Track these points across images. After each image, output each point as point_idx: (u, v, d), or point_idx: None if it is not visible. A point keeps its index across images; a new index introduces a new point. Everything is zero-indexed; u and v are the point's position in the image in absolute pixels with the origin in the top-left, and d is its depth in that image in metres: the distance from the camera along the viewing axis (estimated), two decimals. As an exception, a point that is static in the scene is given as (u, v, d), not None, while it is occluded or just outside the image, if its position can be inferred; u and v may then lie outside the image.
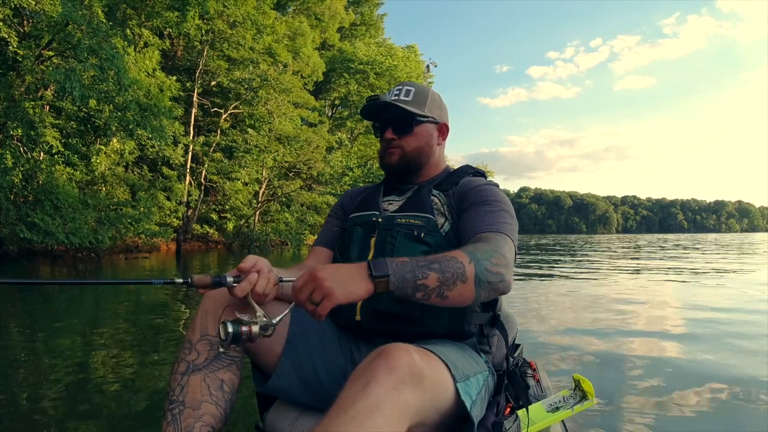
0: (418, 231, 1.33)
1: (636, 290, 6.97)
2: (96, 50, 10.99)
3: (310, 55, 27.52)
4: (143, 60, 15.09)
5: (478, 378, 1.17)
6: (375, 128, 1.54)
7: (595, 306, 5.50)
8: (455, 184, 1.46)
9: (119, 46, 12.69)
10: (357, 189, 1.70)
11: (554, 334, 3.99)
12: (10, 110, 13.58)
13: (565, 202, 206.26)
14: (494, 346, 1.45)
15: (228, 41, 21.20)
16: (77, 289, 7.62)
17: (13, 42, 13.99)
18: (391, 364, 0.85)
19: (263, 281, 1.12)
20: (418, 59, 39.05)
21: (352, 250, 1.41)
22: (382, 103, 1.46)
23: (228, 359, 1.14)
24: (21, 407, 2.40)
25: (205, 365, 1.11)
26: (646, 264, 12.77)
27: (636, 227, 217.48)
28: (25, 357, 3.41)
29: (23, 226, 12.20)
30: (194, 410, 1.07)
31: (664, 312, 5.05)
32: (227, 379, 1.13)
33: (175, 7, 13.74)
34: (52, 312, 5.53)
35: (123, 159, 15.97)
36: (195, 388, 1.09)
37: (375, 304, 1.25)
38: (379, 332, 1.30)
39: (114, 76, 11.62)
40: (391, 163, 1.49)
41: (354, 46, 34.20)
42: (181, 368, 1.11)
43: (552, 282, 8.32)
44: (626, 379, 2.72)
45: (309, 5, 32.89)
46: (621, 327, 4.28)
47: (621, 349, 3.45)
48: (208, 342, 1.13)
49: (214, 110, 23.56)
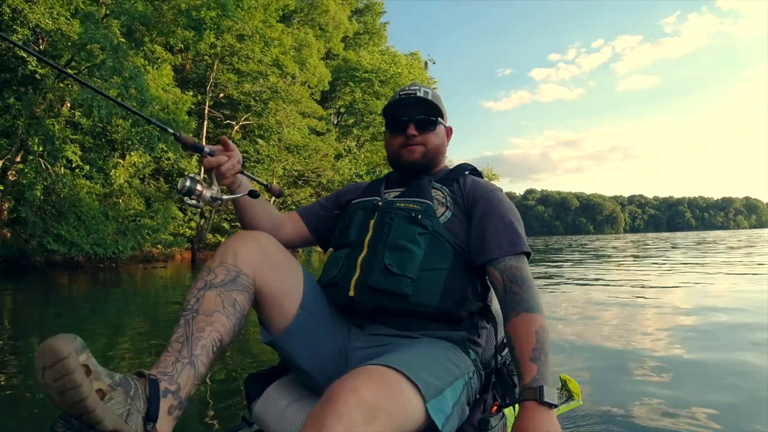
0: (416, 214, 1.38)
1: (636, 291, 6.87)
2: (119, 70, 11.51)
3: (317, 66, 28.00)
4: (160, 77, 15.66)
5: (456, 386, 1.16)
6: (396, 124, 1.56)
7: (588, 307, 5.50)
8: (456, 180, 1.53)
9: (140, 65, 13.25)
10: (358, 183, 1.75)
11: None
12: (31, 127, 14.17)
13: (571, 203, 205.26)
14: (483, 338, 1.45)
15: (237, 55, 21.72)
16: (101, 295, 8.10)
17: (32, 61, 14.59)
18: (340, 410, 0.84)
19: (230, 164, 1.31)
20: (421, 66, 39.56)
21: (351, 230, 1.45)
22: (415, 98, 1.53)
23: (242, 286, 1.16)
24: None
25: (221, 284, 1.14)
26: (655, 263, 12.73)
27: (644, 226, 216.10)
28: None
29: (50, 237, 12.74)
30: (207, 317, 1.09)
31: (661, 313, 4.95)
32: (240, 300, 1.15)
33: (191, 26, 14.29)
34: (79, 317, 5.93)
35: (140, 171, 16.52)
36: (210, 300, 1.11)
37: (369, 279, 1.30)
38: (371, 309, 1.33)
39: (136, 93, 12.15)
40: (413, 160, 1.55)
41: (358, 54, 34.71)
42: (198, 285, 1.14)
43: (550, 283, 8.40)
44: (613, 380, 2.72)
45: (313, 16, 33.33)
46: (611, 328, 4.25)
47: (608, 351, 3.45)
48: (226, 268, 1.16)
49: (226, 122, 24.11)
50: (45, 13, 13.97)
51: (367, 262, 1.34)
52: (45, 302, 7.38)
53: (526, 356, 1.12)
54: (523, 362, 1.12)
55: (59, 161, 15.02)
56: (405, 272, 1.28)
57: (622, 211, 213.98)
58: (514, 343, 1.16)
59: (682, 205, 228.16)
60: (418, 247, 1.32)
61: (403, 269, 1.28)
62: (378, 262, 1.32)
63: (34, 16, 13.92)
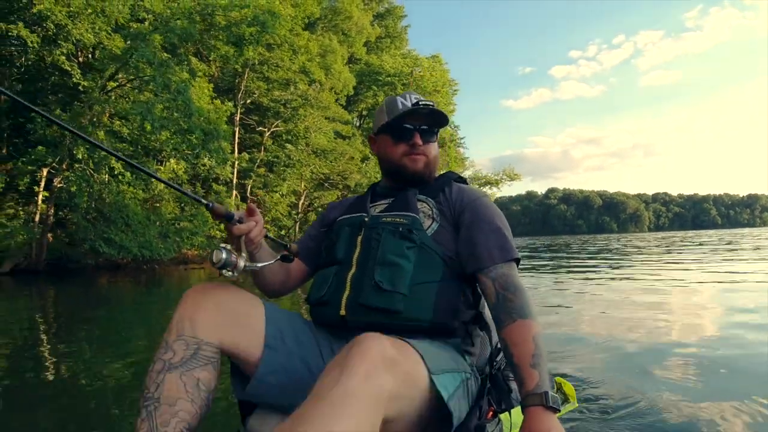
0: (403, 228, 1.38)
1: (639, 292, 6.57)
2: (168, 85, 12.30)
3: (341, 71, 28.73)
4: (201, 89, 16.49)
5: (456, 376, 1.19)
6: (401, 132, 1.55)
7: (588, 309, 5.39)
8: (442, 190, 1.53)
9: (185, 79, 14.07)
10: (342, 200, 1.75)
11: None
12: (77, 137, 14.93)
13: (594, 202, 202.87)
14: (478, 346, 1.44)
15: (267, 63, 22.49)
16: (145, 295, 8.71)
17: (76, 74, 15.47)
18: (364, 351, 0.88)
19: (257, 230, 1.24)
20: (443, 68, 39.94)
21: (339, 247, 1.45)
22: (429, 110, 1.52)
23: (204, 359, 1.14)
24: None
25: (181, 364, 1.11)
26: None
27: (668, 225, 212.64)
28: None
29: (101, 241, 13.60)
30: (170, 407, 1.07)
31: (661, 316, 4.76)
32: (203, 378, 1.13)
33: (232, 42, 15.09)
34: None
35: (179, 178, 17.32)
36: (171, 385, 1.09)
37: (360, 297, 1.30)
38: (363, 327, 1.26)
39: (183, 106, 12.96)
40: (417, 169, 1.54)
41: (381, 59, 35.31)
42: (157, 367, 1.11)
43: (547, 282, 8.30)
44: (608, 383, 2.68)
45: (336, 22, 33.98)
46: (607, 331, 4.14)
47: (604, 354, 3.37)
48: (185, 342, 1.13)
49: (259, 129, 24.99)
50: (88, 29, 14.87)
51: (357, 280, 1.34)
52: (95, 302, 7.89)
53: (527, 362, 1.13)
54: (523, 368, 1.13)
55: (103, 169, 15.88)
56: (396, 288, 1.28)
57: (646, 210, 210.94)
58: (512, 350, 1.18)
59: (707, 203, 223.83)
60: (407, 262, 1.32)
61: (394, 285, 1.28)
62: (368, 279, 1.32)
63: (77, 32, 14.82)
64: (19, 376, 3.33)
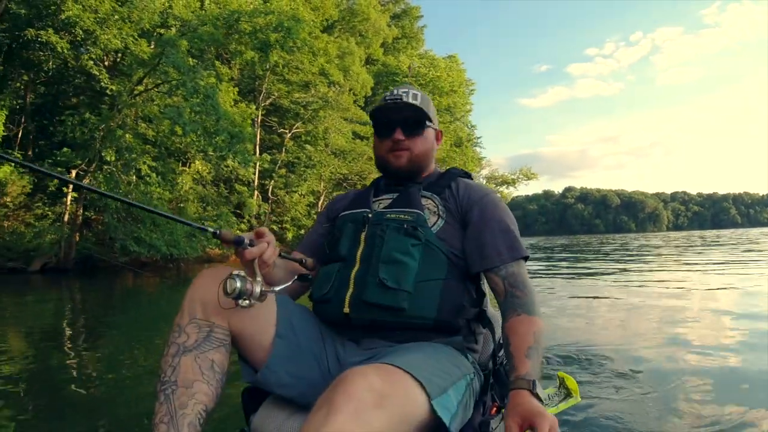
0: (408, 225, 1.36)
1: (644, 290, 6.75)
2: (197, 89, 12.76)
3: (359, 72, 29.07)
4: (227, 93, 16.96)
5: (459, 386, 1.17)
6: (383, 128, 1.53)
7: (590, 306, 5.51)
8: (448, 186, 1.50)
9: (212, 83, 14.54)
10: (345, 194, 1.72)
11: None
12: (106, 139, 15.52)
13: (612, 201, 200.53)
14: (481, 343, 1.45)
15: (288, 66, 22.89)
16: (171, 295, 9.07)
17: (104, 78, 15.99)
18: (349, 390, 0.86)
19: (270, 251, 1.18)
20: (460, 68, 40.12)
21: (342, 244, 1.42)
22: (402, 104, 1.49)
23: (217, 341, 1.15)
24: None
25: (195, 346, 1.12)
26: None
27: (687, 224, 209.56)
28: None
29: (132, 240, 14.11)
30: (187, 389, 1.08)
31: (661, 313, 4.88)
32: (217, 359, 1.14)
33: (258, 47, 15.53)
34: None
35: (203, 178, 17.82)
36: (186, 368, 1.10)
37: (364, 295, 1.28)
38: (368, 325, 1.31)
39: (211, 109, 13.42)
40: (399, 166, 1.51)
41: (398, 59, 35.58)
42: (171, 350, 1.12)
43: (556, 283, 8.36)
44: (611, 378, 2.72)
45: (354, 24, 34.27)
46: (610, 327, 4.23)
47: (607, 348, 3.42)
48: (197, 325, 1.14)
49: (280, 131, 25.48)
50: (115, 35, 15.36)
51: (361, 277, 1.32)
52: (124, 297, 8.24)
53: (522, 352, 1.15)
54: (517, 357, 1.15)
55: (131, 170, 16.40)
56: (401, 286, 1.27)
57: (665, 209, 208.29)
58: (511, 339, 1.19)
59: (726, 202, 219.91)
60: (412, 259, 1.31)
61: (398, 283, 1.27)
62: (372, 276, 1.30)
63: (105, 37, 15.32)
64: (54, 365, 3.53)
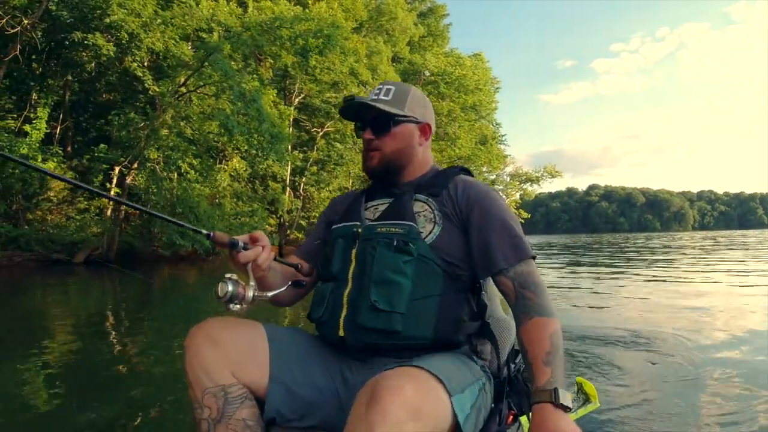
0: (398, 239, 1.29)
1: (658, 293, 6.70)
2: (243, 93, 13.56)
3: (387, 71, 29.61)
4: (267, 95, 17.77)
5: (473, 388, 1.16)
6: (356, 128, 1.48)
7: (605, 309, 5.52)
8: (445, 187, 1.41)
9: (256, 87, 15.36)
10: (343, 196, 1.66)
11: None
12: (150, 138, 16.37)
13: (637, 199, 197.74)
14: (488, 354, 1.40)
15: (320, 66, 23.59)
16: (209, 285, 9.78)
17: (148, 79, 16.81)
18: (385, 409, 0.85)
19: (265, 255, 1.19)
20: (485, 67, 40.32)
21: (334, 263, 1.38)
22: (357, 104, 1.41)
23: (237, 400, 1.16)
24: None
25: (221, 416, 1.12)
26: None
27: (713, 224, 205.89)
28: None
29: (177, 235, 14.96)
30: None
31: (676, 316, 4.89)
32: (246, 415, 1.15)
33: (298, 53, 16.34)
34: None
35: (240, 176, 18.64)
36: None
37: (357, 318, 1.25)
38: (363, 348, 1.28)
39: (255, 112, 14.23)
40: (371, 166, 1.45)
41: (424, 57, 35.89)
42: (203, 428, 1.13)
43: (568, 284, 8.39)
44: (630, 383, 2.70)
45: (381, 23, 34.79)
46: (626, 331, 4.16)
47: (624, 354, 3.39)
48: (211, 394, 1.14)
49: (313, 130, 26.43)
50: (159, 38, 16.19)
51: (353, 299, 1.28)
52: (167, 287, 8.78)
53: (540, 360, 1.10)
54: (536, 365, 1.10)
55: (173, 168, 17.29)
56: (394, 308, 1.22)
57: (691, 208, 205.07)
58: (527, 347, 1.15)
59: (753, 201, 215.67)
60: (404, 278, 1.25)
61: (391, 305, 1.22)
62: (364, 298, 1.25)
63: (149, 40, 16.15)
64: (92, 349, 3.80)
